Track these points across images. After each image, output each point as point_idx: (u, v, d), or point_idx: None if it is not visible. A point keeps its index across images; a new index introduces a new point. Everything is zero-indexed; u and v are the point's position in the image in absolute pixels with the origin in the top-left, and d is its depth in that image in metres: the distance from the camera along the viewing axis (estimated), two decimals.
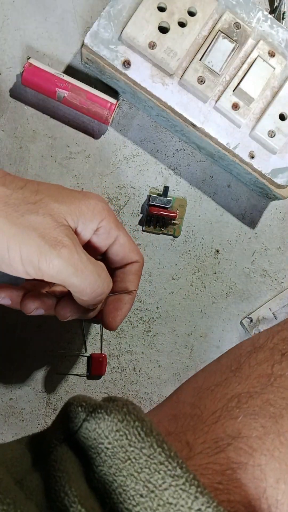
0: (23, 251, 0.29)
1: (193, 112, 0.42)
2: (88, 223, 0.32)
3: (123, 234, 0.35)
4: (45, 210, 0.30)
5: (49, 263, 0.29)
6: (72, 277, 0.30)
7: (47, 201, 0.31)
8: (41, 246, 0.29)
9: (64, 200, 0.31)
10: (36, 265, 0.29)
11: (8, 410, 0.46)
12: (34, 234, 0.29)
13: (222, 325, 0.49)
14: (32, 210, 0.30)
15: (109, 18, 0.41)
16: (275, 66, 0.43)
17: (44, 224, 0.29)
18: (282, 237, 0.50)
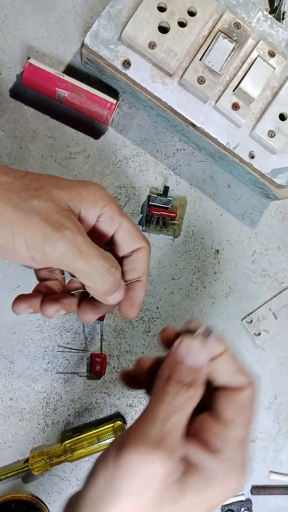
0: (28, 235, 0.29)
1: (193, 112, 0.42)
2: (90, 209, 0.32)
3: (126, 220, 0.34)
4: (47, 196, 0.30)
5: (53, 245, 0.29)
6: (78, 259, 0.30)
7: (49, 187, 0.31)
8: (44, 228, 0.29)
9: (65, 187, 0.31)
10: (41, 248, 0.29)
11: (8, 410, 0.46)
12: (37, 218, 0.29)
13: (222, 325, 0.49)
14: (34, 195, 0.30)
15: (109, 18, 0.41)
16: (275, 66, 0.43)
17: (46, 208, 0.30)
18: (282, 237, 0.50)
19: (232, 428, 0.29)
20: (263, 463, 0.50)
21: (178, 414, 0.27)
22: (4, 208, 0.29)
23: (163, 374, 0.29)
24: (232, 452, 0.28)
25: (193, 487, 0.27)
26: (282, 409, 0.50)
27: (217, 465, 0.27)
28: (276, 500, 0.50)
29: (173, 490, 0.26)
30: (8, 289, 0.46)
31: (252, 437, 0.49)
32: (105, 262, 0.31)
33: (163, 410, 0.27)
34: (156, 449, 0.25)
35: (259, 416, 0.49)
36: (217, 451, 0.28)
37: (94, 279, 0.31)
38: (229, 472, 0.28)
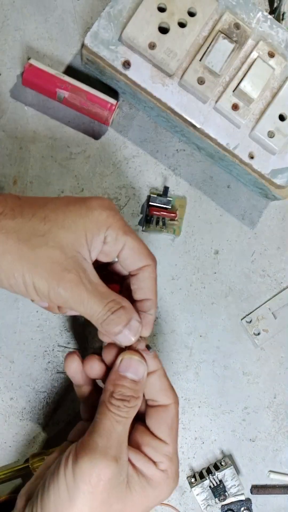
0: (36, 284, 0.32)
1: (193, 113, 0.43)
2: (95, 238, 0.34)
3: (131, 238, 0.35)
4: (54, 242, 0.32)
5: (56, 295, 0.32)
6: (78, 306, 0.33)
7: (55, 231, 0.33)
8: (49, 281, 0.32)
9: (70, 225, 0.33)
10: (47, 296, 0.32)
11: (8, 409, 0.46)
12: (43, 270, 0.32)
13: (222, 325, 0.49)
14: (42, 243, 0.32)
15: (109, 19, 0.41)
16: (275, 66, 0.43)
17: (52, 258, 0.32)
18: (281, 237, 0.50)
19: (166, 446, 0.35)
20: (262, 462, 0.50)
21: (121, 424, 0.33)
22: (16, 260, 0.32)
23: (107, 389, 0.34)
24: (167, 464, 0.35)
25: (137, 488, 0.33)
26: (282, 409, 0.50)
27: (155, 473, 0.34)
28: (276, 500, 0.50)
29: (120, 490, 0.32)
30: None
31: (252, 436, 0.50)
32: (106, 305, 0.34)
33: (108, 422, 0.33)
34: (103, 457, 0.31)
35: (259, 415, 0.50)
36: (156, 463, 0.34)
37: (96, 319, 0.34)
38: (165, 480, 0.34)
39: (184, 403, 0.49)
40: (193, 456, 0.49)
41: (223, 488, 0.47)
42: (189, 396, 0.49)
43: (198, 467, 0.49)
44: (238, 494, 0.48)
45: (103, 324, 0.34)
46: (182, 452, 0.49)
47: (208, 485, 0.47)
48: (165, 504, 0.47)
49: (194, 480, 0.48)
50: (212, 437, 0.49)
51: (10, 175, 0.46)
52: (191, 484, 0.47)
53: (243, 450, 0.49)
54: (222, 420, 0.49)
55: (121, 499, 0.32)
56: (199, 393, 0.49)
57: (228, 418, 0.49)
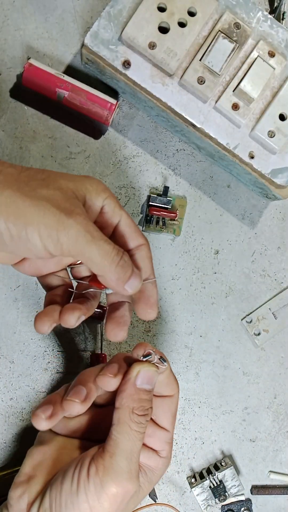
0: (41, 222, 0.29)
1: (193, 112, 0.43)
2: (94, 199, 0.33)
3: (126, 214, 0.35)
4: (54, 185, 0.31)
5: (67, 231, 0.29)
6: (90, 245, 0.30)
7: (54, 178, 0.31)
8: (57, 215, 0.29)
9: (69, 178, 0.32)
10: (55, 236, 0.29)
11: (8, 410, 0.46)
12: (49, 205, 0.29)
13: (222, 325, 0.49)
14: (42, 184, 0.30)
15: (109, 19, 0.41)
16: (275, 66, 0.43)
17: (55, 196, 0.30)
18: (282, 237, 0.50)
19: (168, 433, 0.36)
20: (263, 463, 0.50)
21: (140, 441, 0.33)
22: (14, 196, 0.29)
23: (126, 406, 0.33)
24: (168, 450, 0.37)
25: (145, 484, 0.35)
26: (282, 409, 0.50)
27: (159, 462, 0.36)
28: (276, 500, 0.50)
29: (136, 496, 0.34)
30: (8, 289, 0.46)
31: (252, 437, 0.50)
32: (114, 246, 0.31)
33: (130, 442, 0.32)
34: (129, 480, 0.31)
35: (259, 416, 0.50)
36: (158, 451, 0.36)
37: (106, 265, 0.31)
38: (166, 465, 0.37)
39: (184, 403, 0.49)
40: (193, 456, 0.49)
41: (223, 489, 0.47)
42: (189, 396, 0.49)
43: (198, 467, 0.49)
44: (238, 494, 0.48)
45: (118, 267, 0.31)
46: (182, 452, 0.49)
47: (208, 486, 0.47)
48: (165, 504, 0.46)
49: (194, 481, 0.48)
50: (212, 437, 0.49)
51: None
52: (191, 485, 0.47)
53: (243, 451, 0.49)
54: (222, 421, 0.49)
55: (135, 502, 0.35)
56: (199, 393, 0.49)
57: (228, 418, 0.49)
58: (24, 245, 0.30)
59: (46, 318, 0.34)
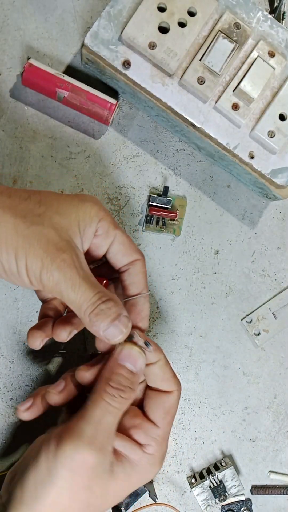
0: (28, 262, 0.31)
1: (193, 112, 0.43)
2: (87, 228, 0.34)
3: (121, 232, 0.36)
4: (49, 223, 0.32)
5: (49, 275, 0.31)
6: (69, 291, 0.31)
7: (50, 214, 0.33)
8: (43, 258, 0.31)
9: (64, 212, 0.33)
10: (38, 276, 0.31)
11: (8, 410, 0.46)
12: (38, 247, 0.31)
13: (222, 325, 0.49)
14: (37, 221, 0.32)
15: (109, 19, 0.41)
16: (275, 66, 0.43)
17: (48, 237, 0.31)
18: (282, 237, 0.50)
19: (157, 429, 0.35)
20: (263, 462, 0.50)
21: (112, 416, 0.32)
22: (10, 234, 0.31)
23: (103, 376, 0.33)
24: (155, 448, 0.34)
25: (121, 475, 0.33)
26: (282, 409, 0.50)
27: (141, 457, 0.34)
28: (276, 500, 0.50)
29: (103, 477, 0.32)
30: (8, 289, 0.46)
31: (252, 437, 0.50)
32: (96, 293, 0.32)
33: (99, 411, 0.32)
34: (88, 446, 0.31)
35: (259, 416, 0.50)
36: (143, 446, 0.34)
37: (83, 310, 0.32)
38: (151, 464, 0.34)
39: (184, 404, 0.49)
40: (193, 456, 0.49)
41: (223, 489, 0.47)
42: (189, 396, 0.49)
43: (198, 467, 0.49)
44: (238, 494, 0.48)
45: (92, 315, 0.32)
46: (182, 452, 0.49)
47: (208, 486, 0.47)
48: (165, 504, 0.47)
49: (194, 481, 0.48)
50: (212, 437, 0.49)
51: (10, 175, 0.46)
52: (191, 485, 0.47)
53: (243, 451, 0.49)
54: (222, 421, 0.49)
55: (103, 485, 0.32)
56: (199, 393, 0.49)
57: (228, 418, 0.49)
58: (15, 278, 0.32)
59: (38, 334, 0.36)
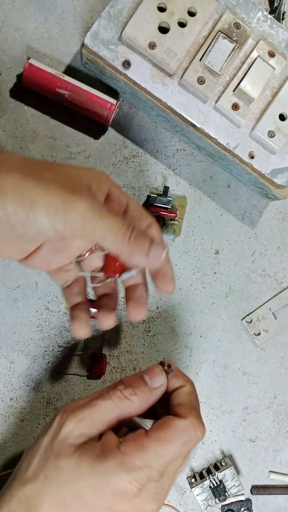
0: (47, 202, 0.28)
1: (193, 112, 0.43)
2: (97, 188, 0.33)
3: (132, 200, 0.36)
4: (58, 170, 0.31)
5: (74, 209, 0.29)
6: (99, 221, 0.29)
7: (58, 165, 0.32)
8: (62, 194, 0.29)
9: (74, 170, 0.32)
10: (63, 215, 0.29)
11: (8, 410, 0.46)
12: (53, 184, 0.29)
13: (222, 325, 0.49)
14: (46, 168, 0.31)
15: (109, 18, 0.41)
16: (275, 66, 0.43)
17: (60, 178, 0.30)
18: (282, 237, 0.50)
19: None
20: (263, 462, 0.50)
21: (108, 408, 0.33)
22: (19, 179, 0.29)
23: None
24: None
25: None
26: (282, 409, 0.50)
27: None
28: (276, 500, 0.50)
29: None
30: (8, 289, 0.46)
31: (252, 437, 0.50)
32: (123, 221, 0.31)
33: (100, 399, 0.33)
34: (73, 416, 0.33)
35: (259, 416, 0.50)
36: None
37: (119, 240, 0.30)
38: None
39: None
40: (193, 456, 0.49)
41: (223, 489, 0.47)
42: None
43: (198, 467, 0.49)
44: (238, 494, 0.48)
45: (132, 238, 0.30)
46: None
47: (208, 486, 0.47)
48: (165, 504, 0.46)
49: (194, 481, 0.48)
50: (212, 437, 0.49)
51: None
52: (191, 485, 0.47)
53: (243, 451, 0.49)
54: (222, 421, 0.49)
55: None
56: (199, 393, 0.49)
57: (228, 418, 0.49)
58: (32, 227, 0.29)
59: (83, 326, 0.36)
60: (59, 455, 0.32)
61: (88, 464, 0.32)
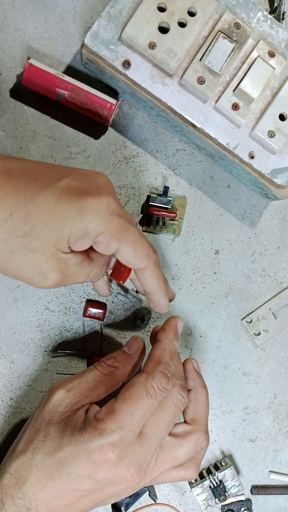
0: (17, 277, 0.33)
1: (193, 112, 0.43)
2: (80, 241, 0.32)
3: (126, 244, 0.33)
4: (34, 245, 0.31)
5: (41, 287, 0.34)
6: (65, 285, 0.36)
7: (37, 232, 0.31)
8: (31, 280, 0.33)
9: (55, 225, 0.31)
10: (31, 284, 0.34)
11: (8, 410, 0.46)
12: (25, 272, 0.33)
13: (222, 325, 0.49)
14: (21, 245, 0.31)
15: (109, 18, 0.41)
16: (275, 66, 0.43)
17: (33, 260, 0.32)
18: (282, 237, 0.50)
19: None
20: (263, 462, 0.50)
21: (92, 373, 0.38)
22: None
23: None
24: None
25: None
26: (282, 409, 0.50)
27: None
28: (276, 500, 0.50)
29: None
30: (8, 289, 0.46)
31: (252, 437, 0.50)
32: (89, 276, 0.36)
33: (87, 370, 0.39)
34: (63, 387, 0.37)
35: (259, 416, 0.50)
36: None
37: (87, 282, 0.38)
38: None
39: None
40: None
41: (223, 489, 0.47)
42: None
43: None
44: (238, 494, 0.48)
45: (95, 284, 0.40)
46: None
47: (208, 486, 0.47)
48: (165, 504, 0.47)
49: (194, 481, 0.48)
50: (212, 437, 0.49)
51: None
52: (191, 485, 0.47)
53: (243, 451, 0.49)
54: (222, 421, 0.49)
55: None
56: None
57: (228, 419, 0.49)
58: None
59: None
60: (49, 423, 0.35)
61: (70, 433, 0.33)
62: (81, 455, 0.32)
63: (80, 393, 0.36)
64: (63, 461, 0.33)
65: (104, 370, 0.37)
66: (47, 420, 0.35)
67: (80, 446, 0.32)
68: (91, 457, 0.32)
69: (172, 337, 0.38)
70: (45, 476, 0.33)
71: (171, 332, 0.38)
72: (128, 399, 0.34)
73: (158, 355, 0.36)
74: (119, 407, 0.33)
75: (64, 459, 0.33)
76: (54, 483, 0.33)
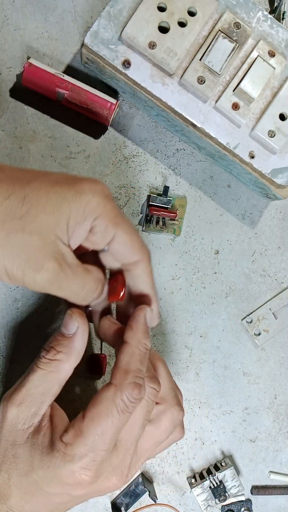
0: (9, 269, 0.29)
1: (193, 112, 0.42)
2: (79, 226, 0.31)
3: (122, 231, 0.32)
4: (32, 227, 0.29)
5: (33, 281, 0.30)
6: (57, 291, 0.31)
7: (35, 212, 0.30)
8: (25, 269, 0.29)
9: (53, 208, 0.30)
10: (21, 281, 0.30)
11: None
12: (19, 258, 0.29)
13: (222, 325, 0.49)
14: (18, 227, 0.29)
15: (109, 18, 0.41)
16: (275, 66, 0.43)
17: (29, 245, 0.29)
18: (282, 237, 0.50)
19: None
20: (263, 463, 0.50)
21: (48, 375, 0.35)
22: None
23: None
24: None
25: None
26: (282, 409, 0.50)
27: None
28: (276, 500, 0.50)
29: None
30: (8, 289, 0.46)
31: (252, 437, 0.50)
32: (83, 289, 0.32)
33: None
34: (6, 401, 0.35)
35: (259, 416, 0.49)
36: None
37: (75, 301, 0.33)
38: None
39: (184, 404, 0.49)
40: (193, 457, 0.49)
41: (223, 489, 0.47)
42: (189, 396, 0.49)
43: (198, 467, 0.49)
44: (238, 494, 0.48)
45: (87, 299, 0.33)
46: (182, 452, 0.49)
47: (208, 486, 0.47)
48: (165, 504, 0.46)
49: (194, 481, 0.48)
50: (213, 437, 0.49)
51: None
52: (191, 485, 0.47)
53: (244, 451, 0.49)
54: (223, 421, 0.49)
55: None
56: (199, 393, 0.49)
57: (229, 419, 0.49)
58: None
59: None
60: (14, 444, 0.33)
61: (39, 455, 0.32)
62: (54, 479, 0.31)
63: (32, 402, 0.33)
64: (39, 482, 0.32)
65: (48, 367, 0.34)
66: (11, 441, 0.33)
67: (51, 471, 0.31)
68: (65, 481, 0.31)
69: (141, 336, 0.34)
70: (26, 493, 0.32)
71: (139, 330, 0.34)
72: (97, 418, 0.31)
73: (125, 362, 0.33)
74: (87, 428, 0.31)
75: (39, 481, 0.32)
76: (36, 499, 0.32)
